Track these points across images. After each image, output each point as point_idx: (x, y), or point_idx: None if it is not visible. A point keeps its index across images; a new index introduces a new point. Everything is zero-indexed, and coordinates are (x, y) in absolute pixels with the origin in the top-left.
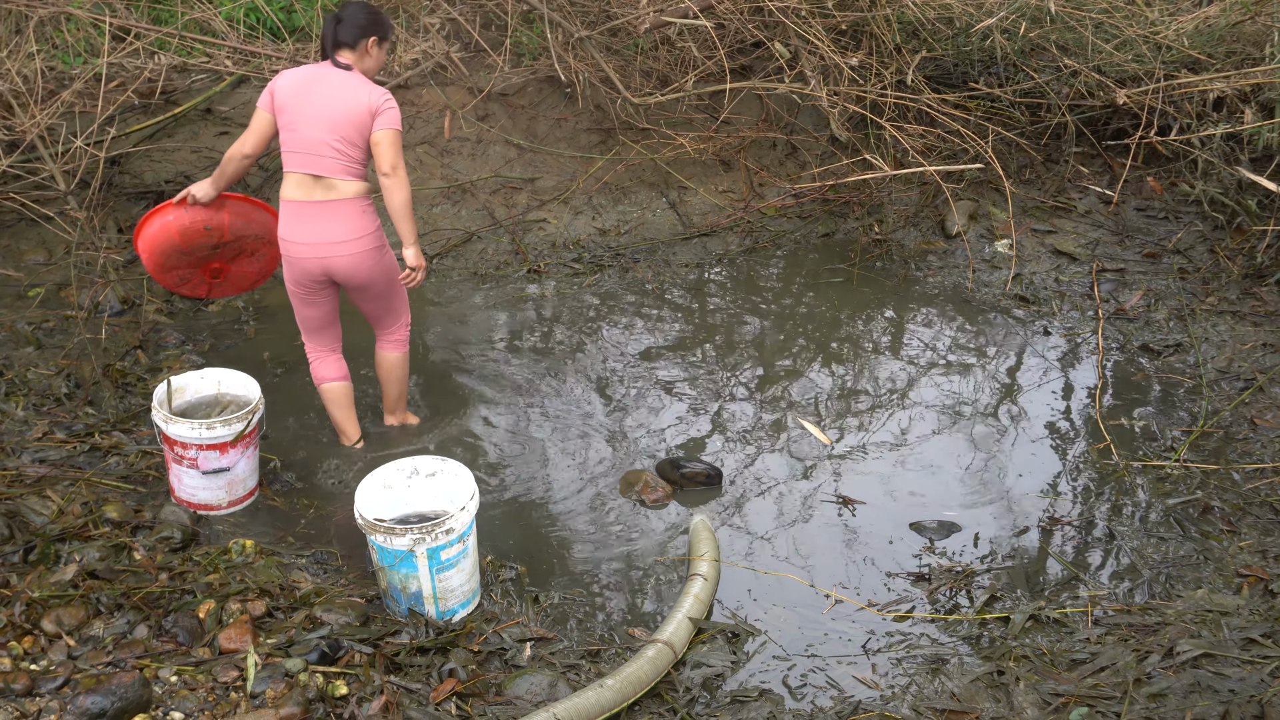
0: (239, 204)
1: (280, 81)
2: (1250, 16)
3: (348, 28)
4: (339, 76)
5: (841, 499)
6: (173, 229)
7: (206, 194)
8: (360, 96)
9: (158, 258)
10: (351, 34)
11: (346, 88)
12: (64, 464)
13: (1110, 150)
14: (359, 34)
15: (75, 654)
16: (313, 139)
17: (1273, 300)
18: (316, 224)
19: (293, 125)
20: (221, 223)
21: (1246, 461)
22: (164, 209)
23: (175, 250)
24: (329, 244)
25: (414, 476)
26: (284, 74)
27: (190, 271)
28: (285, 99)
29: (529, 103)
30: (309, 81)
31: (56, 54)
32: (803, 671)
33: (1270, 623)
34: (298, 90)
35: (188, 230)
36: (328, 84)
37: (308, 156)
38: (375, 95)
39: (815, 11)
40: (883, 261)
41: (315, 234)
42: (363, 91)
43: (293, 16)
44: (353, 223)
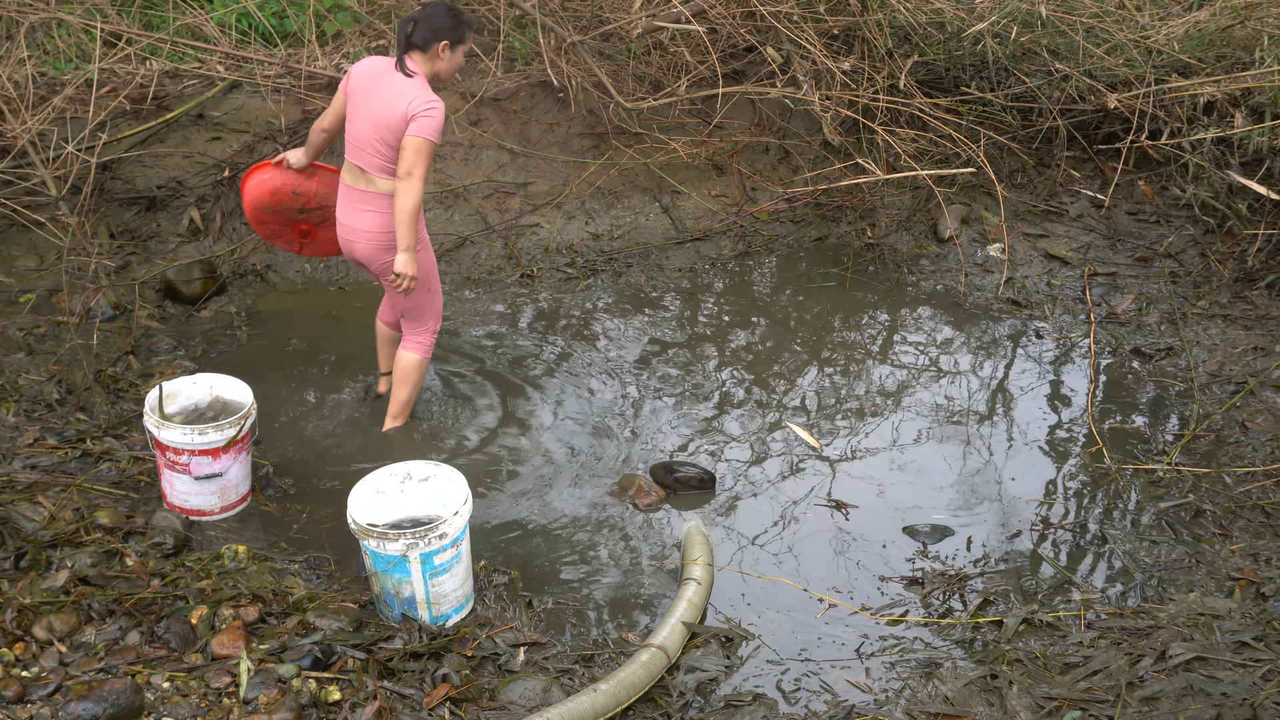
0: (328, 175)
1: (356, 68)
2: (1240, 21)
3: (422, 30)
4: (396, 79)
5: (835, 503)
6: (266, 187)
7: (298, 161)
8: (402, 102)
9: (252, 210)
10: (423, 36)
11: (397, 91)
12: (55, 470)
13: (1101, 154)
14: (431, 37)
15: (67, 660)
16: (361, 133)
17: (1263, 304)
18: (350, 209)
19: (352, 115)
20: (309, 189)
21: (1238, 465)
22: (264, 166)
23: (266, 206)
24: (354, 230)
25: (407, 481)
26: (364, 61)
27: (282, 228)
28: (353, 88)
29: (521, 108)
30: (375, 76)
31: (48, 60)
32: (796, 676)
33: (1262, 626)
34: (364, 83)
35: (278, 190)
36: (385, 84)
37: (355, 148)
38: (416, 102)
39: (807, 16)
40: (875, 266)
41: (347, 218)
42: (407, 97)
43: (284, 22)
44: (377, 217)
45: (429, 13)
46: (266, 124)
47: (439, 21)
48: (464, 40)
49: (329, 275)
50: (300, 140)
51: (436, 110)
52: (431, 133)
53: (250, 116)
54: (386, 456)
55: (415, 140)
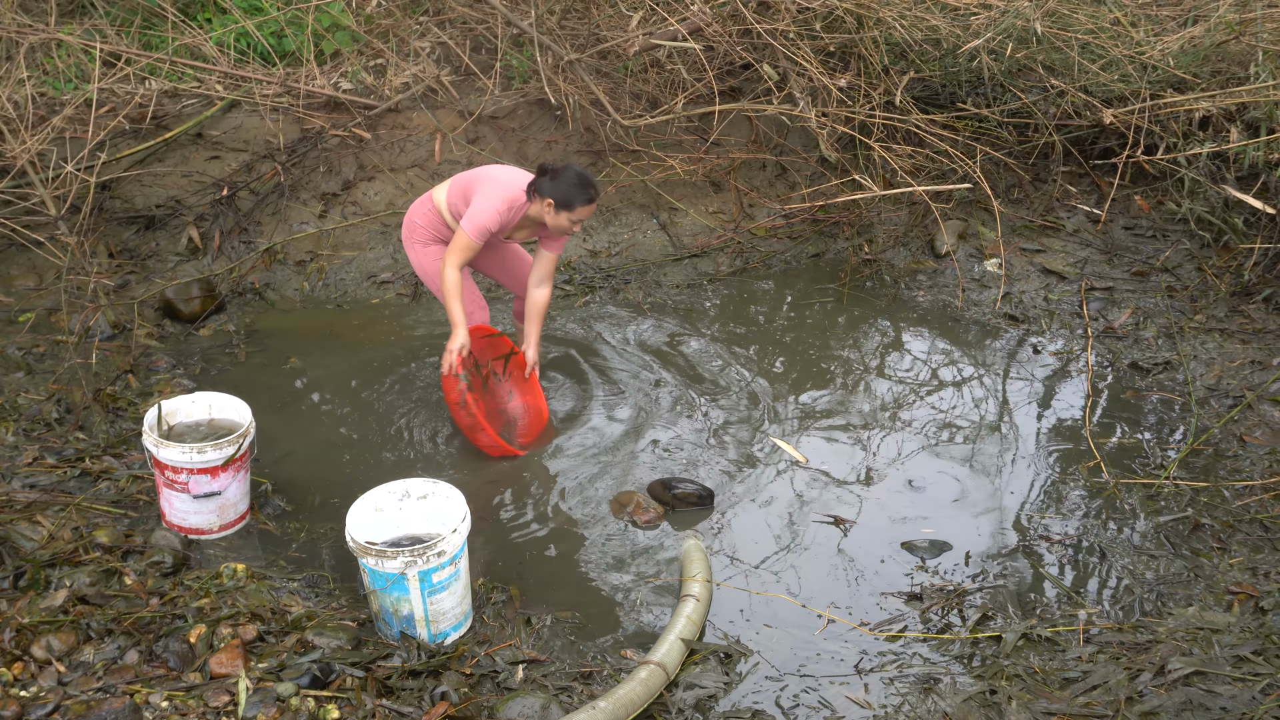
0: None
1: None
2: (1234, 36)
3: (540, 181)
4: (507, 179)
5: (833, 518)
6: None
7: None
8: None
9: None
10: (534, 185)
11: (492, 184)
12: (54, 489)
13: (1097, 169)
14: (536, 191)
15: (65, 680)
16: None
17: (1260, 318)
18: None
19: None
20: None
21: (1236, 479)
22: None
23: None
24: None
25: (405, 499)
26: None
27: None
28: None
29: (519, 125)
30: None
31: (47, 80)
32: (795, 692)
33: (1261, 640)
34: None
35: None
36: (492, 171)
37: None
38: (475, 203)
39: (803, 34)
40: (873, 281)
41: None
42: (485, 205)
43: (283, 41)
44: (409, 215)
45: (559, 169)
46: (265, 143)
47: (548, 179)
48: (568, 206)
49: (327, 294)
50: (298, 159)
51: (482, 215)
52: (467, 228)
53: (249, 135)
54: (385, 474)
55: (458, 231)
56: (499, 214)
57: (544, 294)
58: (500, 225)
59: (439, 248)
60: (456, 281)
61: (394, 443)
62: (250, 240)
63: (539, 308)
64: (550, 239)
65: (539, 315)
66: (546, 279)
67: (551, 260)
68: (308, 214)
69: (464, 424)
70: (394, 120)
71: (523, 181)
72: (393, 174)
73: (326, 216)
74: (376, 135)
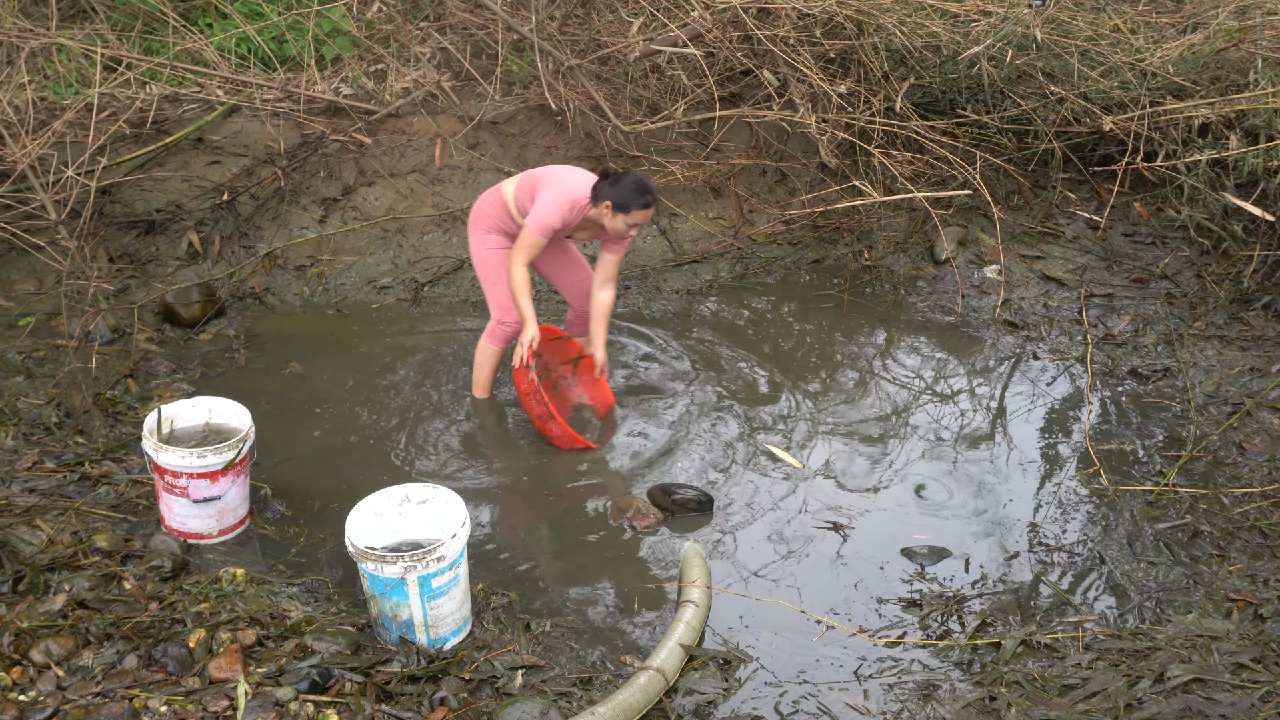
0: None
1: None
2: (1234, 44)
3: (601, 184)
4: (571, 180)
5: (832, 524)
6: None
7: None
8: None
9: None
10: (596, 187)
11: (557, 184)
12: (54, 493)
13: (1097, 176)
14: (596, 195)
15: (64, 684)
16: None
17: (1259, 325)
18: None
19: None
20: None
21: (1235, 486)
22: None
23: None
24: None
25: (405, 504)
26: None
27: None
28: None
29: (520, 131)
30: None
31: (48, 84)
32: (794, 698)
33: (1260, 647)
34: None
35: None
36: (558, 171)
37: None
38: (539, 201)
39: (803, 40)
40: (873, 287)
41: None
42: (549, 202)
43: (284, 46)
44: (477, 203)
45: (619, 174)
46: (265, 148)
47: (608, 183)
48: (624, 209)
49: (327, 299)
50: (298, 164)
51: (546, 213)
52: (532, 227)
53: (249, 140)
54: (385, 479)
55: (523, 229)
56: (562, 213)
57: (608, 296)
58: (563, 223)
59: (498, 238)
60: (524, 279)
61: (394, 447)
62: (250, 245)
63: (604, 309)
64: (612, 242)
65: (604, 317)
66: (610, 281)
67: (614, 263)
68: (308, 219)
69: (535, 414)
70: (394, 125)
71: (587, 183)
72: (393, 179)
73: (326, 221)
74: (377, 140)
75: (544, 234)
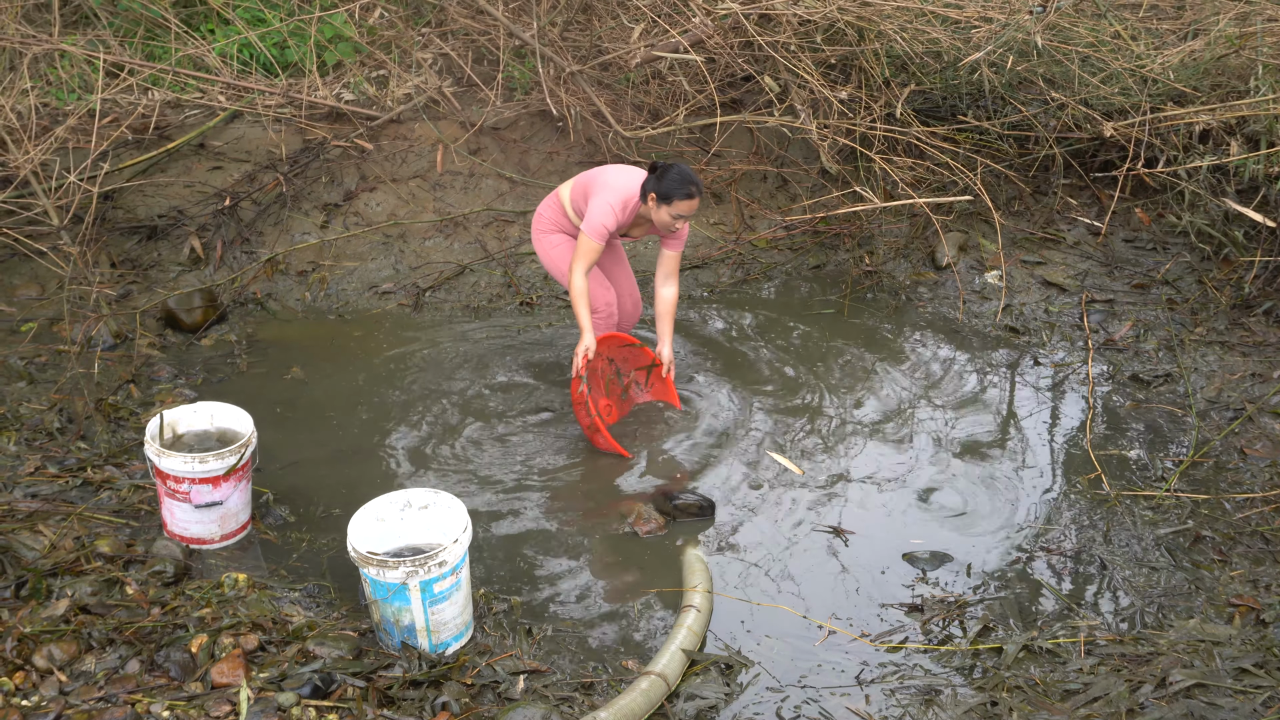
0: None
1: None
2: (1234, 50)
3: (648, 179)
4: (621, 181)
5: (833, 529)
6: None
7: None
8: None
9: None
10: (644, 185)
11: (606, 187)
12: (56, 499)
13: (1098, 182)
14: (644, 190)
15: (67, 690)
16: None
17: (1261, 330)
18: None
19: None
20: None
21: (1237, 491)
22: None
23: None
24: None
25: (407, 509)
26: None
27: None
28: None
29: (521, 136)
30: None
31: (50, 90)
32: (796, 703)
33: (1262, 652)
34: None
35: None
36: (608, 173)
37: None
38: (591, 206)
39: (804, 46)
40: (874, 293)
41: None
42: (602, 205)
43: (285, 52)
44: (539, 209)
45: (666, 167)
46: (267, 153)
47: (654, 176)
48: (667, 199)
49: (329, 304)
50: (300, 170)
51: (598, 217)
52: (588, 233)
53: (251, 146)
54: (387, 484)
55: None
56: (615, 214)
57: (671, 292)
58: (617, 224)
59: (560, 236)
60: (583, 288)
61: (395, 452)
62: (252, 250)
63: (668, 307)
64: (669, 237)
65: (669, 314)
66: (671, 277)
67: (673, 259)
68: (309, 224)
69: (584, 423)
70: (396, 131)
71: (637, 181)
72: (394, 185)
73: (328, 227)
74: (378, 146)
75: (600, 238)
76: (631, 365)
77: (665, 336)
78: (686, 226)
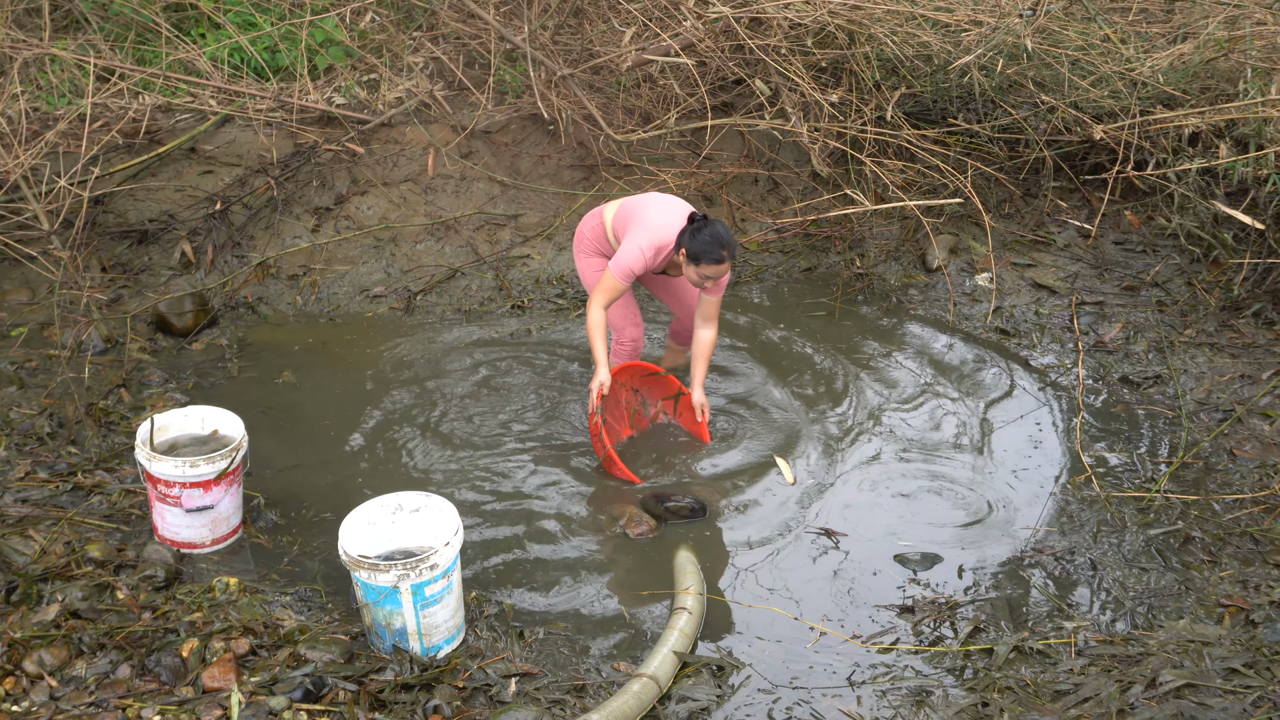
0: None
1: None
2: (1224, 54)
3: (684, 230)
4: (660, 222)
5: (825, 531)
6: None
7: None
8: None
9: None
10: (679, 235)
11: (645, 227)
12: (46, 503)
13: (1088, 185)
14: (679, 241)
15: (57, 695)
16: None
17: (1250, 332)
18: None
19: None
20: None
21: (1226, 492)
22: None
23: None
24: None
25: (398, 512)
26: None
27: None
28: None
29: (512, 140)
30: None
31: (41, 95)
32: (787, 705)
33: (1252, 652)
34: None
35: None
36: (652, 210)
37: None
38: (624, 244)
39: (795, 49)
40: (864, 295)
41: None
42: (632, 247)
43: (276, 56)
44: (580, 225)
45: (701, 224)
46: (258, 157)
47: (689, 233)
48: (695, 260)
49: (320, 308)
50: (291, 174)
51: (628, 256)
52: (615, 269)
53: (242, 150)
54: (378, 488)
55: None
56: (645, 259)
57: (709, 335)
58: (644, 268)
59: (600, 260)
60: (599, 322)
61: (387, 456)
62: (243, 254)
63: (704, 350)
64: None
65: (704, 357)
66: (709, 320)
67: (713, 303)
68: (301, 228)
69: (600, 455)
70: (387, 135)
71: (676, 226)
72: (386, 188)
73: (319, 231)
74: (369, 150)
75: (624, 279)
76: (658, 394)
77: (698, 379)
78: (727, 274)
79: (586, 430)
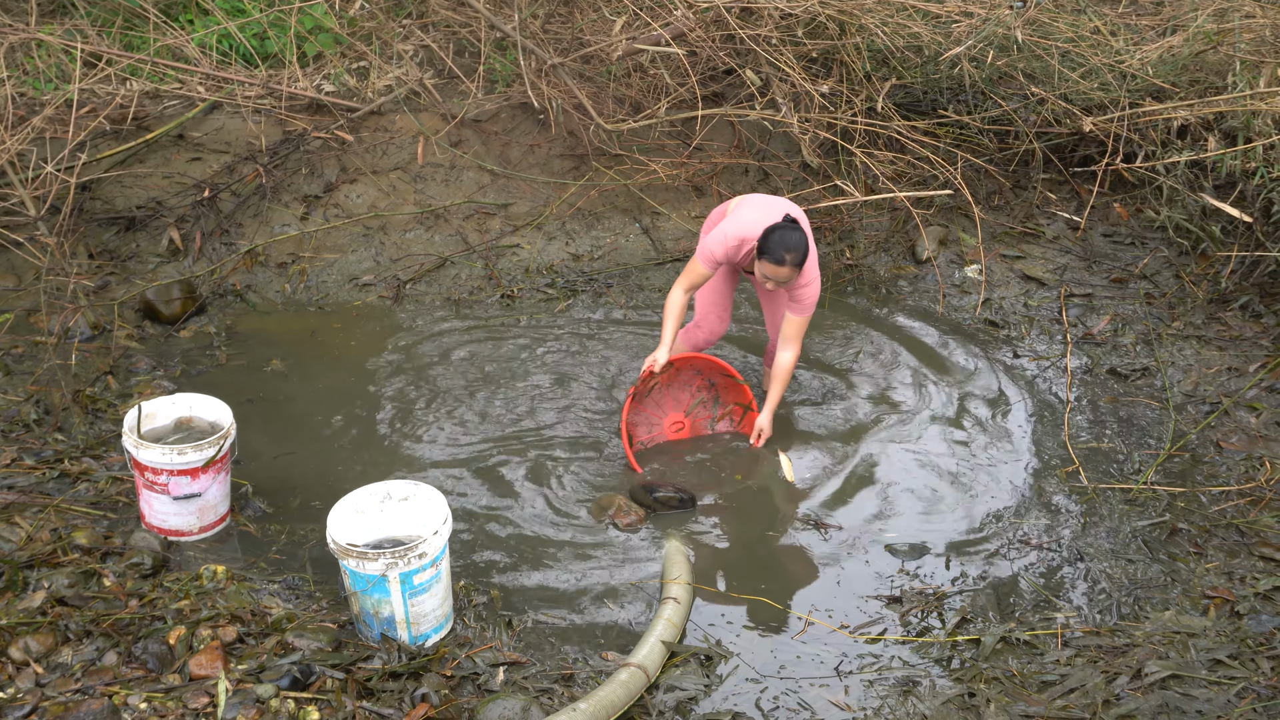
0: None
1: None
2: (1212, 46)
3: (768, 228)
4: (751, 218)
5: (814, 522)
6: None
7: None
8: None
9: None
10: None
11: (737, 221)
12: (33, 490)
13: (1077, 177)
14: (757, 250)
15: (43, 681)
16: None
17: (1237, 325)
18: None
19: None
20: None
21: (1212, 484)
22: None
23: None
24: None
25: (387, 501)
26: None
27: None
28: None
29: (502, 129)
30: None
31: (27, 80)
32: (775, 694)
33: (1236, 644)
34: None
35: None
36: (749, 207)
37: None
38: (711, 233)
39: (786, 40)
40: (854, 286)
41: None
42: (718, 231)
43: (265, 43)
44: (713, 213)
45: (781, 225)
46: (247, 144)
47: (766, 235)
48: (760, 258)
49: (309, 296)
50: (280, 161)
51: (709, 242)
52: (694, 258)
53: (230, 137)
54: (367, 476)
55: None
56: (727, 247)
57: (787, 358)
58: (725, 257)
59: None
60: (675, 302)
61: (375, 445)
62: (231, 242)
63: (782, 372)
64: (793, 301)
65: (780, 380)
66: (790, 341)
67: (795, 323)
68: (289, 216)
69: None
70: (376, 123)
71: (766, 222)
72: (375, 176)
73: (308, 219)
74: (359, 138)
75: (706, 264)
76: (731, 398)
77: (771, 401)
78: (814, 292)
79: (580, 419)
